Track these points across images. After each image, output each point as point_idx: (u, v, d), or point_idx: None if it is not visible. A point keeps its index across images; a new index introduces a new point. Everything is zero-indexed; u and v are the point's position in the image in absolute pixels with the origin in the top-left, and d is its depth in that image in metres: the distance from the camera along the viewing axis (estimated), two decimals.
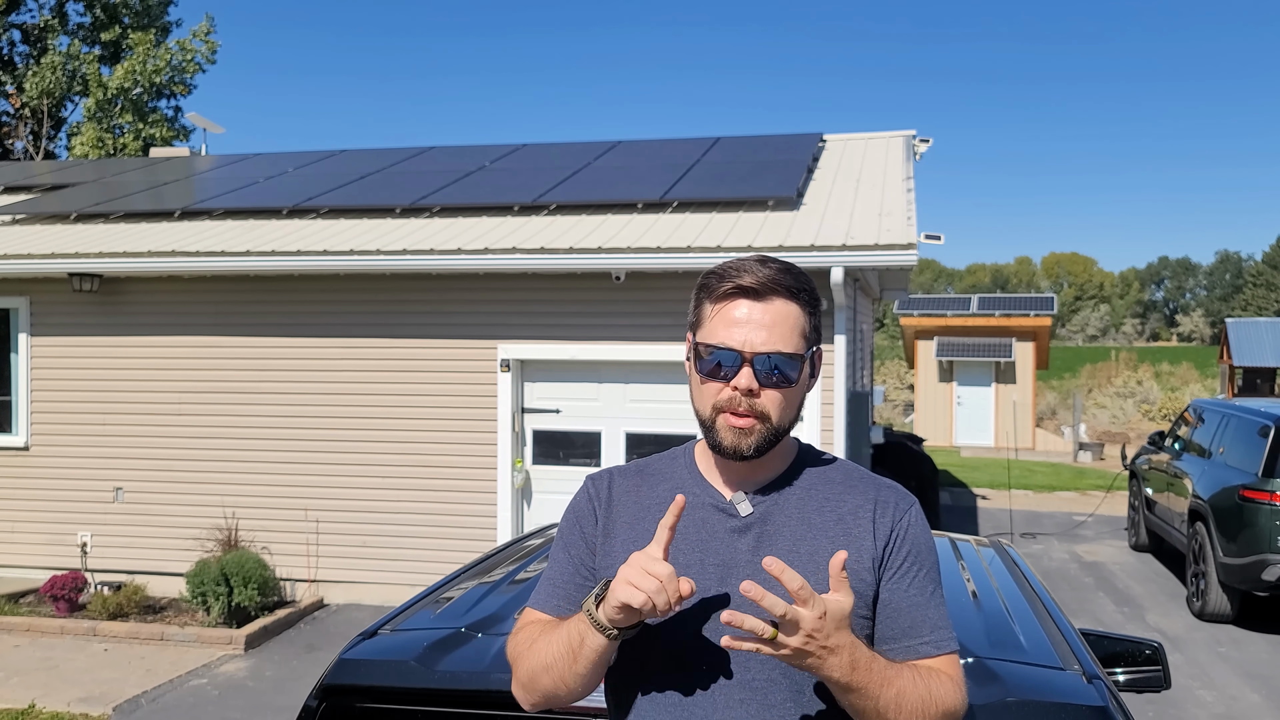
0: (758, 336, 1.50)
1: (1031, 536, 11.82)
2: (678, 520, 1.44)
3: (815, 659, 1.36)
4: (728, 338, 1.51)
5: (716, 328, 1.53)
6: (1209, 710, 6.17)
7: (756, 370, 1.50)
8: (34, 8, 23.76)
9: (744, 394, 1.50)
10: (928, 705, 1.45)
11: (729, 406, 1.52)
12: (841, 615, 1.38)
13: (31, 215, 9.89)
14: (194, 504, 8.58)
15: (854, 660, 1.39)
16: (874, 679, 1.41)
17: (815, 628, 1.34)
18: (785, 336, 1.51)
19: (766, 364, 1.50)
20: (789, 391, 1.53)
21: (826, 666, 1.37)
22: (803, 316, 1.54)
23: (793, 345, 1.52)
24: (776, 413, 1.52)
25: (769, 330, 1.50)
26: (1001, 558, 2.99)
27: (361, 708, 2.04)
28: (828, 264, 7.15)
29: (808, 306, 1.55)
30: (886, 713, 1.43)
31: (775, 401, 1.52)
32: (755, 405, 1.51)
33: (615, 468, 1.73)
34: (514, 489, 8.12)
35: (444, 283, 8.20)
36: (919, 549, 1.57)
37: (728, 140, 10.88)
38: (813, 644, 1.35)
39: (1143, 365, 37.42)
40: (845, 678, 1.39)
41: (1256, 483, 7.75)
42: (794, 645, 1.34)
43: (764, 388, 1.51)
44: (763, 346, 1.50)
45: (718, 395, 1.53)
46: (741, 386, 1.50)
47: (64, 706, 6.03)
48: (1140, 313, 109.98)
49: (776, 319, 1.51)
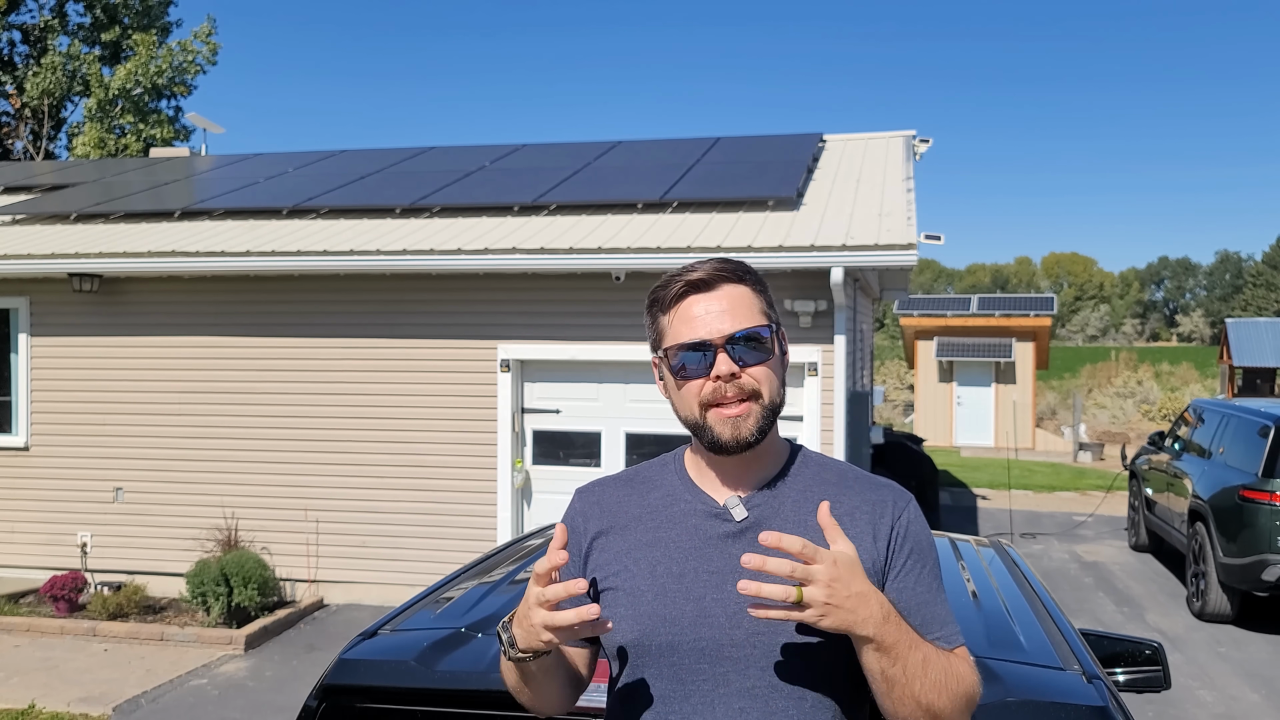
0: (722, 322, 1.51)
1: (1031, 536, 11.82)
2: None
3: (847, 611, 1.35)
4: (693, 333, 1.52)
5: (679, 330, 1.54)
6: (1209, 710, 6.17)
7: (731, 354, 1.51)
8: (34, 8, 23.77)
9: (727, 380, 1.50)
10: (949, 679, 1.44)
11: (716, 399, 1.51)
12: (851, 560, 1.38)
13: (31, 215, 9.89)
14: (194, 504, 8.58)
15: (885, 611, 1.39)
16: (904, 637, 1.41)
17: (833, 575, 1.34)
18: (747, 315, 1.53)
19: (737, 346, 1.51)
20: (771, 364, 1.54)
21: (860, 620, 1.36)
22: (755, 297, 1.56)
23: (757, 321, 1.54)
24: (766, 389, 1.53)
25: (730, 314, 1.52)
26: (1001, 558, 2.99)
27: (361, 708, 2.04)
28: (828, 264, 7.15)
29: (756, 288, 1.57)
30: (913, 681, 1.41)
31: (762, 377, 1.53)
32: (744, 386, 1.51)
33: (604, 478, 1.72)
34: (514, 489, 8.13)
35: (444, 283, 8.20)
36: (920, 546, 1.56)
37: (728, 140, 10.88)
38: (838, 593, 1.34)
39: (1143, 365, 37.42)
40: (879, 631, 1.37)
41: (1256, 483, 7.75)
42: (820, 599, 1.34)
43: (746, 367, 1.52)
44: (730, 329, 1.51)
45: (701, 392, 1.52)
46: (723, 373, 1.50)
47: (64, 706, 6.03)
48: (1140, 313, 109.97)
49: (733, 302, 1.53)
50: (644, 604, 1.52)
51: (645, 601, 1.52)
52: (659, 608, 1.51)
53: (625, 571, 1.57)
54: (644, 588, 1.53)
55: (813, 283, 7.43)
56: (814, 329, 7.56)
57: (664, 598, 1.52)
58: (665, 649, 1.50)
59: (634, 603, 1.53)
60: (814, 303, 7.49)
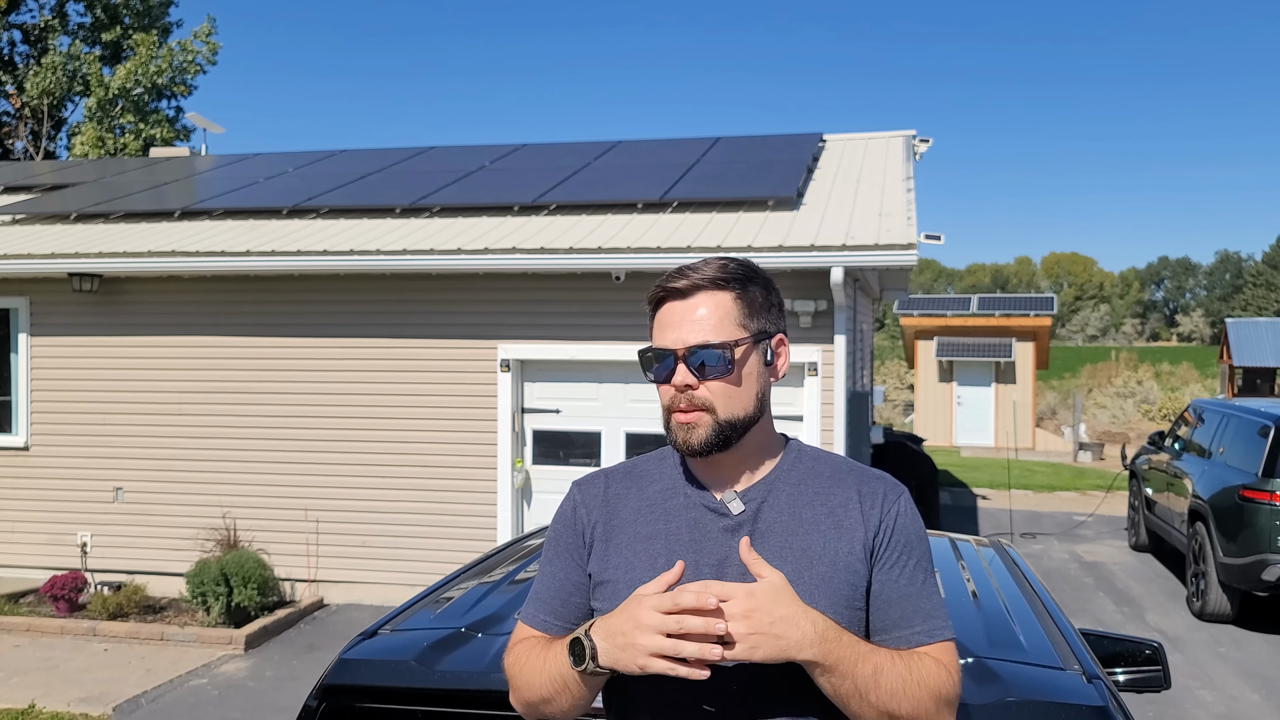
0: (686, 332, 1.54)
1: (1031, 536, 11.82)
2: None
3: (775, 638, 1.36)
4: (662, 340, 1.57)
5: (655, 334, 1.59)
6: (1209, 710, 6.17)
7: (689, 365, 1.53)
8: (34, 8, 23.78)
9: (681, 390, 1.54)
10: (908, 684, 1.45)
11: (674, 405, 1.55)
12: (774, 587, 1.39)
13: (31, 215, 9.89)
14: (194, 504, 8.58)
15: (821, 630, 1.39)
16: (848, 652, 1.41)
17: (749, 607, 1.36)
18: (713, 328, 1.54)
19: (695, 357, 1.53)
20: (731, 380, 1.54)
21: (793, 644, 1.37)
22: (735, 305, 1.56)
23: (722, 335, 1.54)
24: (721, 403, 1.54)
25: (694, 324, 1.54)
26: (1001, 558, 2.99)
27: (361, 708, 2.04)
28: (828, 264, 7.15)
29: (740, 295, 1.57)
30: (867, 692, 1.42)
31: (717, 392, 1.54)
32: (695, 399, 1.53)
33: (604, 470, 1.73)
34: (514, 489, 8.13)
35: (444, 283, 8.20)
36: (910, 538, 1.57)
37: (728, 140, 10.88)
38: (759, 622, 1.36)
39: (1143, 365, 37.43)
40: (819, 653, 1.38)
41: (1256, 483, 7.75)
42: (742, 630, 1.35)
43: (704, 380, 1.53)
44: (691, 340, 1.53)
45: (668, 397, 1.57)
46: (677, 384, 1.54)
47: (64, 706, 6.03)
48: (1140, 313, 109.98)
49: (703, 313, 1.54)
50: None
51: None
52: None
53: (625, 564, 1.58)
54: (645, 580, 1.52)
55: (813, 283, 7.43)
56: (814, 329, 7.57)
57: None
58: None
59: None
60: (814, 303, 7.49)
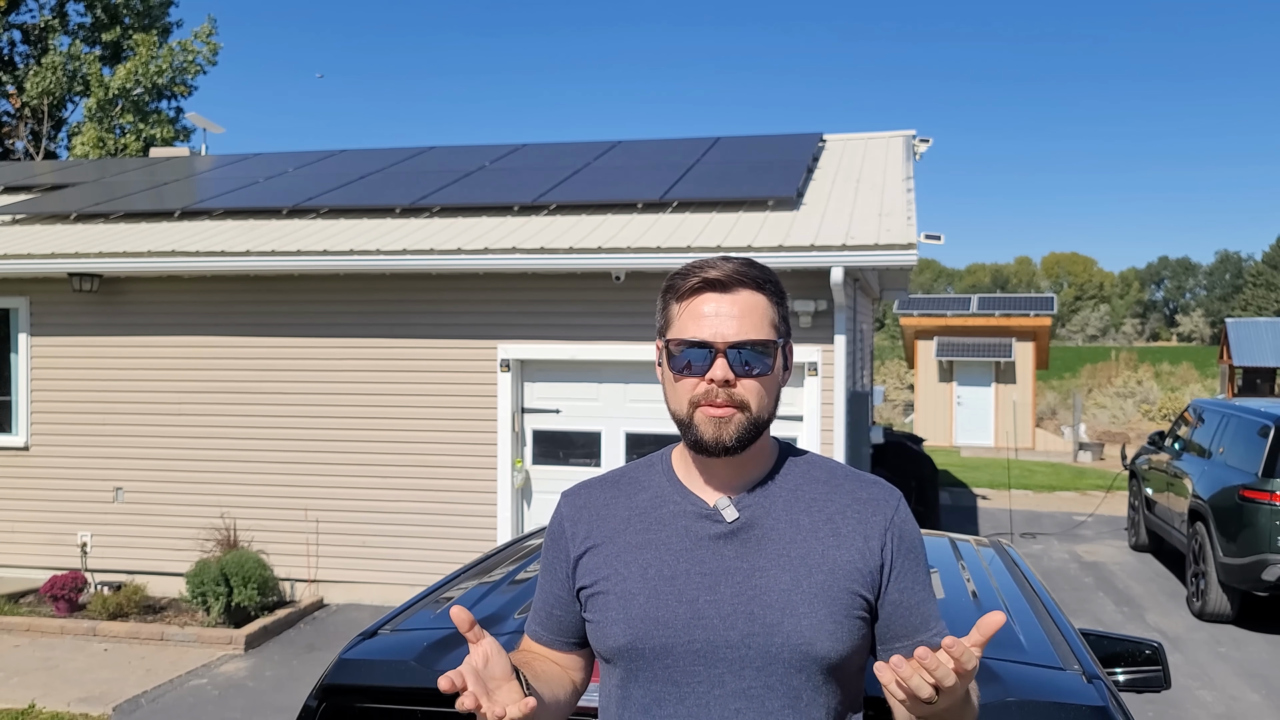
0: (728, 327, 1.49)
1: (1031, 536, 11.82)
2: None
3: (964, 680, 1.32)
4: (698, 331, 1.50)
5: (686, 324, 1.52)
6: (1209, 710, 6.17)
7: (730, 361, 1.49)
8: (34, 8, 23.77)
9: (720, 385, 1.49)
10: (971, 709, 1.48)
11: (706, 399, 1.50)
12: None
13: (31, 215, 9.89)
14: (194, 504, 8.58)
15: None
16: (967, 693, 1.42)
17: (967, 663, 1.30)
18: (756, 325, 1.50)
19: (739, 354, 1.49)
20: (766, 380, 1.52)
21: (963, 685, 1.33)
22: (770, 307, 1.54)
23: (764, 333, 1.51)
24: (755, 402, 1.51)
25: (739, 320, 1.49)
26: (1001, 558, 2.99)
27: (361, 708, 2.04)
28: (828, 264, 7.14)
29: (774, 298, 1.55)
30: (969, 703, 1.44)
31: (753, 391, 1.51)
32: (734, 395, 1.49)
33: (590, 480, 1.69)
34: (514, 489, 8.12)
35: (444, 283, 8.20)
36: (914, 546, 1.57)
37: (727, 140, 10.88)
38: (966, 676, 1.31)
39: (1143, 365, 37.41)
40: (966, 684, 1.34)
41: (1256, 483, 7.75)
42: (942, 705, 1.31)
43: (740, 377, 1.49)
44: (734, 336, 1.49)
45: (694, 390, 1.51)
46: (717, 378, 1.48)
47: (64, 706, 6.03)
48: (1140, 313, 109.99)
49: (745, 309, 1.50)
50: (636, 607, 1.51)
51: (638, 604, 1.51)
52: (652, 610, 1.50)
53: (616, 575, 1.55)
54: (636, 590, 1.52)
55: (813, 283, 7.43)
56: (814, 329, 7.56)
57: (656, 600, 1.50)
58: (659, 651, 1.49)
59: (626, 606, 1.52)
60: (814, 303, 7.49)
